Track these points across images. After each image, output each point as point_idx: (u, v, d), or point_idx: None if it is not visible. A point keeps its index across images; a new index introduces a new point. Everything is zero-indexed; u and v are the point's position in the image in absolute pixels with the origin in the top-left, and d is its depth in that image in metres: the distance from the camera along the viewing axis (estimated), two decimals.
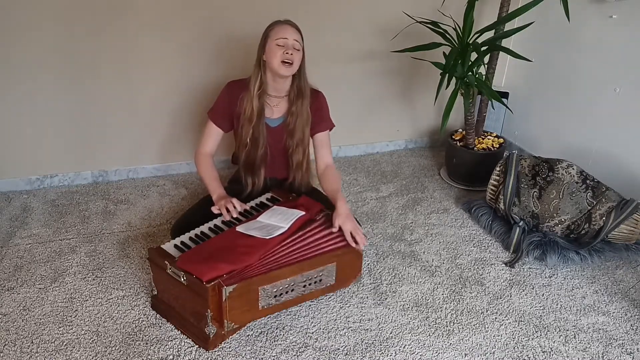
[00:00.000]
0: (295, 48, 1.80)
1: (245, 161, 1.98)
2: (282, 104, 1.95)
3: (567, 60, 2.57)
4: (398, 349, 1.63)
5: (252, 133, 1.90)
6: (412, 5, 2.59)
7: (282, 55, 1.78)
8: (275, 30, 1.81)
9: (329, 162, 2.01)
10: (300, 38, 1.84)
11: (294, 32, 1.81)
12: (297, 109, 1.91)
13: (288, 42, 1.78)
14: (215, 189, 1.90)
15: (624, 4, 2.22)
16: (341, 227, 1.72)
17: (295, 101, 1.91)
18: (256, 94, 1.86)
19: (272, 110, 1.95)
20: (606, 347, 1.67)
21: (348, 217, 1.74)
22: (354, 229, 1.71)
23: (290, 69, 1.80)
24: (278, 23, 1.83)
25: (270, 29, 1.82)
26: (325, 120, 2.02)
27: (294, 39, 1.80)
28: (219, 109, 1.96)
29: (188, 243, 1.69)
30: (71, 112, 2.38)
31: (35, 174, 2.48)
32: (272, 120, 1.96)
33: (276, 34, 1.80)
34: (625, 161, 2.31)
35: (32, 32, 2.17)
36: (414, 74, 2.87)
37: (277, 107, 1.95)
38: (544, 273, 2.01)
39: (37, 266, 1.94)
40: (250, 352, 1.60)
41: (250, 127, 1.89)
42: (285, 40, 1.78)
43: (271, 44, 1.80)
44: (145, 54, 2.36)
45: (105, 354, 1.57)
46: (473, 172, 2.60)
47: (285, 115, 1.95)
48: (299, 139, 1.95)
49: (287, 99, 1.94)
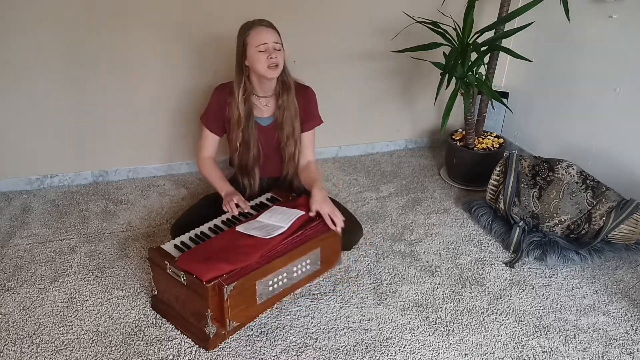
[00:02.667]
0: (276, 49, 1.79)
1: (239, 164, 2.00)
2: (271, 103, 1.96)
3: (567, 60, 2.57)
4: (398, 349, 1.63)
5: (242, 136, 1.91)
6: (412, 5, 2.59)
7: (266, 60, 1.77)
8: (252, 35, 1.78)
9: (311, 158, 2.04)
10: (278, 36, 1.82)
11: (272, 34, 1.79)
12: (283, 102, 1.92)
13: (269, 47, 1.77)
14: (222, 187, 1.94)
15: (624, 4, 2.22)
16: (319, 211, 1.75)
17: (281, 95, 1.92)
18: (241, 99, 1.86)
19: (262, 110, 1.95)
20: (606, 347, 1.66)
21: (324, 200, 1.78)
22: (331, 211, 1.75)
23: (277, 70, 1.80)
24: (253, 26, 1.80)
25: (247, 35, 1.79)
26: (313, 119, 2.02)
27: (273, 41, 1.79)
28: (211, 114, 1.97)
29: (188, 243, 1.70)
30: (71, 112, 2.38)
31: (35, 174, 2.48)
32: (263, 119, 1.96)
33: (255, 39, 1.77)
34: (625, 161, 2.31)
35: (32, 32, 2.17)
36: (414, 74, 2.87)
37: (266, 106, 1.95)
38: (544, 273, 2.01)
39: (37, 266, 1.95)
40: (250, 352, 1.60)
41: (240, 130, 1.90)
42: (266, 45, 1.77)
43: (252, 51, 1.78)
44: (146, 54, 2.36)
45: (105, 354, 1.57)
46: (473, 172, 2.60)
47: (275, 112, 1.96)
48: (289, 131, 1.95)
49: (274, 96, 1.95)
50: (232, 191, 1.91)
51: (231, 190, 1.92)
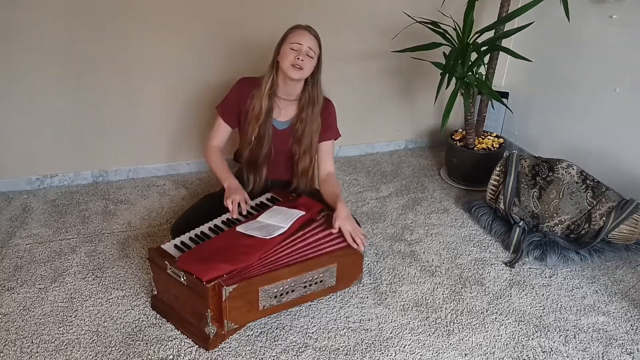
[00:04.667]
0: (308, 55, 1.80)
1: (248, 159, 1.98)
2: (291, 108, 1.95)
3: (567, 60, 2.57)
4: (398, 349, 1.63)
5: (257, 131, 1.90)
6: (412, 5, 2.59)
7: (293, 60, 1.78)
8: (293, 34, 1.82)
9: (331, 170, 2.03)
10: (317, 46, 1.84)
11: (311, 39, 1.81)
12: (307, 115, 1.91)
13: (302, 48, 1.79)
14: (226, 178, 1.90)
15: (624, 4, 2.23)
16: (341, 228, 1.72)
17: (306, 108, 1.91)
18: (267, 93, 1.87)
19: (280, 112, 1.95)
20: (606, 347, 1.67)
21: (348, 218, 1.75)
22: (353, 230, 1.72)
23: (299, 73, 1.80)
24: (298, 28, 1.84)
25: (289, 32, 1.83)
26: (332, 130, 2.03)
27: (309, 46, 1.80)
28: (228, 104, 1.96)
29: (188, 243, 1.69)
30: (71, 112, 2.38)
31: (35, 174, 2.48)
32: (279, 122, 1.96)
33: (292, 38, 1.80)
34: (625, 161, 2.31)
35: (32, 31, 2.17)
36: (414, 74, 2.87)
37: (285, 110, 1.95)
38: (544, 273, 2.01)
39: (37, 266, 1.94)
40: (250, 352, 1.60)
41: (257, 125, 1.89)
42: (300, 45, 1.79)
43: (286, 47, 1.81)
44: (146, 54, 2.36)
45: (105, 354, 1.57)
46: (473, 172, 2.60)
47: (292, 120, 1.96)
48: (306, 146, 1.94)
49: (297, 103, 1.95)
50: (234, 186, 1.87)
51: (234, 184, 1.88)
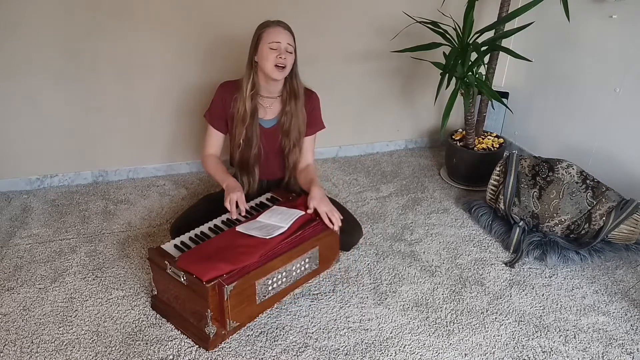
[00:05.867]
0: (288, 51, 1.79)
1: (240, 161, 1.99)
2: (275, 105, 1.95)
3: (567, 60, 2.57)
4: (398, 349, 1.63)
5: (245, 133, 1.91)
6: (412, 5, 2.59)
7: (275, 59, 1.77)
8: (268, 32, 1.79)
9: (310, 162, 2.06)
10: (293, 40, 1.83)
11: (287, 35, 1.80)
12: (291, 109, 1.92)
13: (281, 46, 1.78)
14: (224, 179, 1.90)
15: (624, 4, 2.22)
16: (316, 209, 1.76)
17: (288, 101, 1.92)
18: (249, 95, 1.86)
19: (266, 111, 1.95)
20: (606, 347, 1.66)
21: (322, 199, 1.79)
22: (329, 210, 1.76)
23: (283, 72, 1.80)
24: (271, 25, 1.81)
25: (263, 31, 1.81)
26: (317, 123, 2.03)
27: (287, 42, 1.79)
28: (214, 110, 1.97)
29: (188, 243, 1.70)
30: (71, 112, 2.38)
31: (35, 174, 2.48)
32: (265, 121, 1.96)
33: (269, 36, 1.78)
34: (625, 161, 2.31)
35: (32, 32, 2.17)
36: (414, 74, 2.87)
37: (270, 108, 1.95)
38: (544, 273, 2.01)
39: (37, 266, 1.94)
40: (250, 352, 1.60)
41: (244, 127, 1.90)
42: (279, 44, 1.77)
43: (263, 47, 1.79)
44: (146, 54, 2.36)
45: (105, 354, 1.57)
46: (473, 172, 2.60)
47: (279, 116, 1.96)
48: (295, 138, 1.96)
49: (280, 99, 1.95)
50: (233, 185, 1.87)
51: (233, 183, 1.88)
